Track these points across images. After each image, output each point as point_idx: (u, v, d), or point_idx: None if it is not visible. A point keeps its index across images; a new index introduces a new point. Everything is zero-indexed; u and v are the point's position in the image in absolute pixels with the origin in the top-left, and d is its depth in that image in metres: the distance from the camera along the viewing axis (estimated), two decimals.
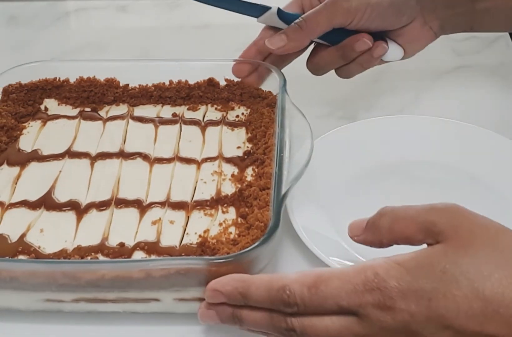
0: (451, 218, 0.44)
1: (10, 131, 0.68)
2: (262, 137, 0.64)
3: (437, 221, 0.44)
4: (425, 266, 0.42)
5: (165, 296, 0.53)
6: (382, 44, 0.68)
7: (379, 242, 0.48)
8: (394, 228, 0.46)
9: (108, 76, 0.72)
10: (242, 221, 0.57)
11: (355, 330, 0.43)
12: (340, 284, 0.43)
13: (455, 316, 0.41)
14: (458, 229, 0.43)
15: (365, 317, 0.42)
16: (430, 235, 0.44)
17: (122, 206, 0.59)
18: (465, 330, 0.41)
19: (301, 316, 0.44)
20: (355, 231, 0.50)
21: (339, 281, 0.43)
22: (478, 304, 0.40)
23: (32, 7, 1.04)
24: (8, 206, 0.60)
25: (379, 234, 0.47)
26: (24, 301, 0.55)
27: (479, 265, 0.41)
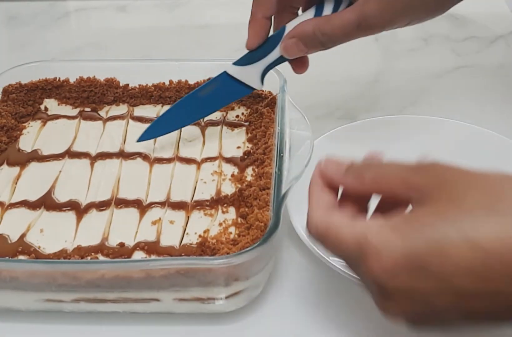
0: (435, 176, 0.43)
1: (10, 131, 0.68)
2: (262, 137, 0.64)
3: (421, 180, 0.43)
4: (417, 229, 0.41)
5: (165, 296, 0.53)
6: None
7: (356, 188, 0.47)
8: (379, 182, 0.46)
9: (108, 76, 0.72)
10: (242, 221, 0.57)
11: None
12: (337, 242, 0.44)
13: (451, 276, 0.39)
14: (442, 187, 0.42)
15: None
16: (414, 193, 0.43)
17: (122, 206, 0.59)
18: (467, 288, 0.39)
19: None
20: (333, 170, 0.49)
21: (336, 241, 0.44)
22: (478, 258, 0.39)
23: (32, 7, 1.04)
24: (8, 206, 0.60)
25: (360, 182, 0.47)
26: (24, 301, 0.55)
27: (473, 218, 0.40)
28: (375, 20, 0.53)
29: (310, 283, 0.60)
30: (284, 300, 0.58)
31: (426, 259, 0.40)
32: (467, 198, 0.41)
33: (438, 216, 0.41)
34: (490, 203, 0.40)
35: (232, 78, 0.61)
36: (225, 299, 0.54)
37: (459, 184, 0.42)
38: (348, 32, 0.54)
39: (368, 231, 0.42)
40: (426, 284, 0.40)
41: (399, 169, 0.45)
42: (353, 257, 0.43)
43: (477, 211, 0.40)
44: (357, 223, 0.44)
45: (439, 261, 0.39)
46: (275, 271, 0.59)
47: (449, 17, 0.97)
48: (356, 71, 0.85)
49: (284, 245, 0.63)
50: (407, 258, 0.40)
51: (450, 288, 0.40)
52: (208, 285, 0.52)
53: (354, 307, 0.58)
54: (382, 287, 0.42)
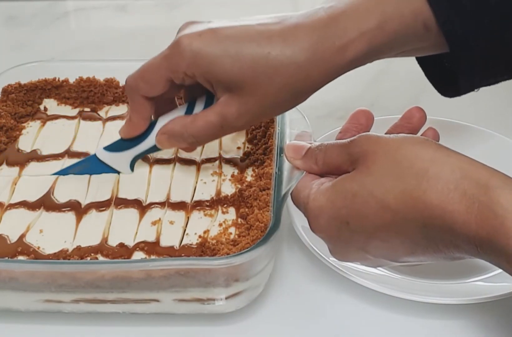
0: (362, 146, 0.50)
1: (9, 131, 0.68)
2: (262, 137, 0.64)
3: (353, 151, 0.51)
4: (341, 193, 0.50)
5: (165, 297, 0.53)
6: None
7: (312, 170, 0.55)
8: (326, 161, 0.53)
9: (107, 76, 0.72)
10: (242, 222, 0.56)
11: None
12: (297, 205, 0.54)
13: (373, 231, 0.48)
14: (366, 155, 0.50)
15: None
16: (350, 164, 0.51)
17: (121, 207, 0.59)
18: (387, 239, 0.49)
19: None
20: (293, 154, 0.56)
21: (296, 204, 0.54)
22: (388, 217, 0.47)
23: (32, 7, 1.04)
24: (7, 206, 0.60)
25: (315, 164, 0.54)
26: (24, 302, 0.55)
27: (382, 182, 0.48)
28: (236, 122, 0.54)
29: (310, 284, 0.60)
30: (284, 300, 0.58)
31: (348, 219, 0.49)
32: (378, 165, 0.49)
33: (356, 180, 0.49)
34: (395, 171, 0.48)
35: (102, 162, 0.62)
36: (225, 299, 0.53)
37: (376, 154, 0.49)
38: (213, 133, 0.56)
39: (310, 196, 0.52)
40: (350, 236, 0.50)
41: (338, 148, 0.52)
42: (306, 219, 0.53)
43: (385, 176, 0.48)
44: (306, 187, 0.53)
45: (358, 219, 0.49)
46: (275, 272, 0.59)
47: None
48: (356, 71, 0.84)
49: (284, 246, 0.63)
50: (335, 218, 0.50)
51: (370, 238, 0.49)
52: (208, 286, 0.52)
53: (354, 306, 0.58)
54: (322, 238, 0.53)
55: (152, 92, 0.55)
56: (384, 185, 0.48)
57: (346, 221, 0.49)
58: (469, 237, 0.44)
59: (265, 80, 0.52)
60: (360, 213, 0.49)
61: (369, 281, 0.56)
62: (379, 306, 0.57)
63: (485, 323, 0.56)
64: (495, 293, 0.55)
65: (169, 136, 0.57)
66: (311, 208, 0.52)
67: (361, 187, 0.49)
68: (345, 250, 0.52)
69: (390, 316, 0.57)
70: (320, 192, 0.51)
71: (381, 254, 0.50)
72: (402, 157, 0.48)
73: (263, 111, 0.54)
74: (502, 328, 0.56)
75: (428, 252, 0.48)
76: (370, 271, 0.58)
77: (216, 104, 0.54)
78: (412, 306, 0.56)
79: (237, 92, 0.52)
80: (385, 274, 0.58)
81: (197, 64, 0.52)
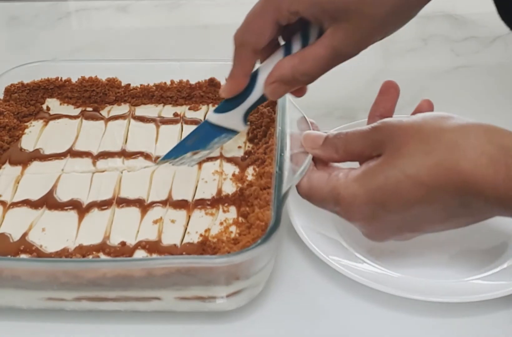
0: (387, 131, 0.53)
1: (12, 131, 0.68)
2: (262, 136, 0.64)
3: (377, 137, 0.53)
4: (373, 177, 0.52)
5: (166, 295, 0.53)
6: None
7: (332, 158, 0.57)
8: (348, 149, 0.55)
9: (109, 76, 0.72)
10: (243, 220, 0.57)
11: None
12: (320, 198, 0.55)
13: (409, 209, 0.51)
14: (393, 139, 0.52)
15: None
16: (375, 149, 0.53)
17: (123, 205, 0.60)
18: (422, 214, 0.51)
19: None
20: (311, 144, 0.57)
21: (320, 198, 0.55)
22: (422, 192, 0.50)
23: (33, 7, 1.04)
24: (10, 205, 0.60)
25: (335, 152, 0.56)
26: (26, 300, 0.55)
27: (413, 161, 0.50)
28: (348, 49, 0.54)
29: (310, 282, 0.60)
30: (284, 299, 0.58)
31: (383, 201, 0.51)
32: (407, 146, 0.51)
33: (387, 163, 0.51)
34: (424, 147, 0.50)
35: (215, 126, 0.60)
36: (226, 298, 0.54)
37: (402, 136, 0.51)
38: (325, 66, 0.55)
39: (339, 186, 0.53)
40: (387, 217, 0.52)
41: (360, 135, 0.54)
42: (335, 210, 0.54)
43: (415, 155, 0.50)
44: (330, 180, 0.54)
45: (394, 199, 0.51)
46: (276, 270, 0.59)
47: (448, 17, 0.98)
48: (356, 71, 0.85)
49: (284, 245, 0.63)
50: (370, 202, 0.52)
51: (406, 216, 0.51)
52: (209, 284, 0.52)
53: (354, 305, 0.58)
54: (358, 224, 0.55)
55: (262, 41, 0.55)
56: (416, 163, 0.50)
57: (382, 203, 0.51)
58: (499, 199, 0.48)
59: (372, 2, 0.52)
60: (395, 193, 0.50)
61: (369, 280, 0.56)
62: (379, 305, 0.57)
63: (484, 321, 0.56)
64: (494, 291, 0.55)
65: (280, 83, 0.56)
66: (344, 197, 0.53)
67: (393, 169, 0.51)
68: (381, 231, 0.55)
69: (390, 314, 0.57)
70: (351, 180, 0.53)
71: (416, 228, 0.53)
72: (428, 134, 0.51)
73: (373, 34, 0.54)
74: (501, 327, 0.56)
75: (460, 218, 0.51)
76: (370, 270, 0.58)
77: (323, 37, 0.53)
78: (412, 304, 0.56)
79: (344, 20, 0.52)
80: (385, 273, 0.58)
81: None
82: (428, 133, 0.51)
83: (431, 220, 0.52)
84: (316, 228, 0.62)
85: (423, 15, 0.78)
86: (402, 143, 0.51)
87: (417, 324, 0.56)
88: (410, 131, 0.52)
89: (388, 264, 0.59)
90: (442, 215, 0.51)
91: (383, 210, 0.52)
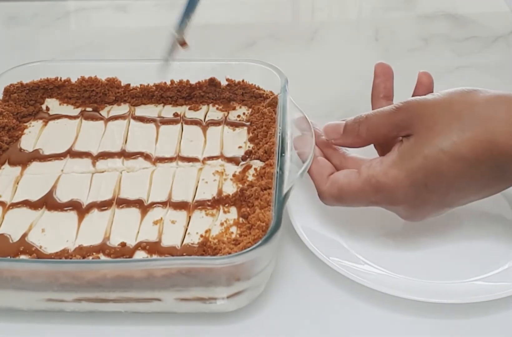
0: (414, 110, 0.54)
1: (11, 131, 0.68)
2: (263, 137, 0.64)
3: (404, 117, 0.54)
4: (411, 159, 0.53)
5: (167, 296, 0.53)
6: None
7: (356, 143, 0.58)
8: (372, 132, 0.56)
9: (109, 76, 0.72)
10: (243, 221, 0.57)
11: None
12: (353, 193, 0.56)
13: (450, 185, 0.53)
14: (422, 118, 0.53)
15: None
16: (402, 130, 0.55)
17: (123, 206, 0.59)
18: (462, 188, 0.53)
19: None
20: (333, 134, 0.59)
21: (353, 194, 0.56)
22: (463, 167, 0.52)
23: (32, 7, 1.04)
24: (9, 206, 0.60)
25: (357, 137, 0.57)
26: (26, 301, 0.55)
27: (448, 137, 0.52)
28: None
29: (310, 283, 0.60)
30: (285, 300, 0.58)
31: (425, 181, 0.53)
32: (440, 124, 0.52)
33: (422, 143, 0.53)
34: (458, 124, 0.52)
35: None
36: (227, 299, 0.54)
37: (432, 115, 0.53)
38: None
39: (376, 173, 0.54)
40: (428, 197, 0.54)
41: (384, 116, 0.56)
42: (374, 199, 0.55)
43: (450, 132, 0.52)
44: (362, 172, 0.55)
45: (435, 178, 0.53)
46: (276, 271, 0.59)
47: (449, 17, 0.98)
48: (356, 71, 0.85)
49: (284, 245, 0.63)
50: (412, 184, 0.53)
51: (447, 193, 0.53)
52: (209, 285, 0.52)
53: (354, 306, 0.58)
54: (404, 208, 0.56)
55: None
56: (451, 139, 0.51)
57: (424, 183, 0.53)
58: None
59: None
60: (435, 171, 0.52)
61: (369, 281, 0.56)
62: (379, 306, 0.57)
63: (485, 322, 0.56)
64: (495, 292, 0.55)
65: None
66: (386, 182, 0.54)
67: (430, 148, 0.52)
68: (421, 211, 0.56)
69: (389, 315, 0.57)
70: (388, 166, 0.54)
71: (455, 202, 0.55)
72: (459, 110, 0.52)
73: None
74: (502, 328, 0.56)
75: (494, 188, 0.54)
76: (370, 271, 0.58)
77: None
78: (412, 305, 0.56)
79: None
80: (385, 273, 0.58)
81: None
82: (459, 109, 0.52)
83: (469, 192, 0.54)
84: (317, 228, 0.62)
85: (424, 15, 0.79)
86: (434, 121, 0.52)
87: (418, 325, 0.56)
88: (439, 109, 0.53)
89: (388, 265, 0.59)
90: (478, 186, 0.53)
91: (426, 190, 0.53)
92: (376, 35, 0.94)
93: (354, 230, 0.63)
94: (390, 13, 1.02)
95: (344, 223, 0.63)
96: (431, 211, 0.56)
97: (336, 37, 0.95)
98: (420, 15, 0.99)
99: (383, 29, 0.96)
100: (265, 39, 0.94)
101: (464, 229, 0.63)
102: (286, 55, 0.90)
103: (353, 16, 1.06)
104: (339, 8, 1.07)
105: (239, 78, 0.71)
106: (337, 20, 1.04)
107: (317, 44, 0.94)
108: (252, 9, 1.02)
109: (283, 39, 0.95)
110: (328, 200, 0.58)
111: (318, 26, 0.98)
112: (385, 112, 0.56)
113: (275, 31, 0.96)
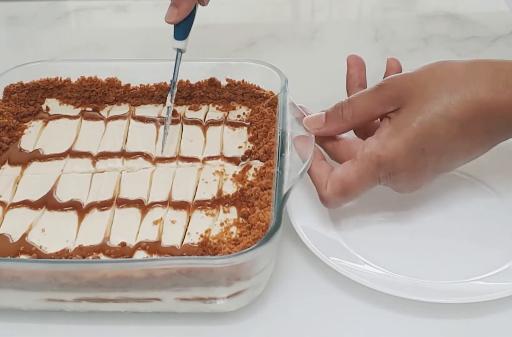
0: (399, 84, 0.56)
1: (11, 131, 0.68)
2: (263, 137, 0.64)
3: (389, 93, 0.56)
4: (407, 128, 0.54)
5: (167, 296, 0.53)
6: None
7: (341, 128, 0.59)
8: (358, 113, 0.57)
9: (109, 76, 0.72)
10: (243, 221, 0.57)
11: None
12: (357, 178, 0.56)
13: (444, 148, 0.54)
14: (409, 89, 0.55)
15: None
16: (389, 105, 0.56)
17: (123, 206, 0.59)
18: (455, 150, 0.55)
19: None
20: (315, 125, 0.59)
21: (357, 179, 0.56)
22: (456, 128, 0.54)
23: (32, 7, 1.04)
24: (9, 206, 0.60)
25: (342, 121, 0.58)
26: (26, 301, 0.55)
27: (439, 102, 0.54)
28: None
29: (310, 283, 0.60)
30: (284, 300, 0.58)
31: (423, 146, 0.54)
32: (429, 90, 0.54)
33: (415, 111, 0.54)
34: (445, 87, 0.54)
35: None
36: (227, 298, 0.54)
37: (418, 84, 0.55)
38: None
39: (375, 150, 0.55)
40: (425, 163, 0.55)
41: (368, 96, 0.57)
42: (378, 174, 0.56)
43: (439, 96, 0.54)
44: (358, 156, 0.56)
45: (431, 142, 0.54)
46: (276, 271, 0.59)
47: (449, 17, 0.98)
48: None
49: (284, 245, 0.63)
50: (411, 152, 0.55)
51: (442, 156, 0.55)
52: (209, 285, 0.52)
53: (354, 306, 0.58)
54: (404, 176, 0.56)
55: None
56: (443, 103, 0.54)
57: (422, 148, 0.54)
58: None
59: None
60: (432, 136, 0.54)
61: (369, 281, 0.56)
62: (379, 305, 0.57)
63: (485, 322, 0.56)
64: (495, 292, 0.55)
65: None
66: (386, 155, 0.55)
67: (423, 114, 0.54)
68: (420, 178, 0.57)
69: (390, 315, 0.57)
70: (384, 138, 0.55)
71: (449, 166, 0.57)
72: (442, 75, 0.55)
73: None
74: (501, 328, 0.56)
75: (485, 145, 0.56)
76: (370, 271, 0.58)
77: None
78: (412, 305, 0.56)
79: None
80: (385, 273, 0.58)
81: None
82: (443, 75, 0.55)
83: (463, 153, 0.56)
84: (316, 228, 0.62)
85: (423, 15, 0.79)
86: (421, 89, 0.55)
87: (418, 325, 0.56)
88: (424, 78, 0.55)
89: (388, 265, 0.59)
90: (471, 146, 0.55)
91: (423, 156, 0.55)
92: (376, 35, 0.94)
93: (354, 230, 0.63)
94: (390, 13, 1.03)
95: (344, 223, 0.63)
96: (424, 179, 0.57)
97: (336, 37, 0.95)
98: (420, 15, 0.99)
99: (383, 29, 0.96)
100: (265, 39, 0.94)
101: (464, 229, 0.63)
102: (286, 55, 0.90)
103: (353, 16, 1.06)
104: (339, 8, 1.07)
105: (239, 78, 0.71)
106: (337, 20, 1.04)
107: (317, 44, 0.94)
108: (252, 9, 1.01)
109: (283, 39, 0.95)
110: (332, 201, 0.58)
111: (318, 26, 0.98)
112: (368, 92, 0.57)
113: (275, 31, 0.96)
